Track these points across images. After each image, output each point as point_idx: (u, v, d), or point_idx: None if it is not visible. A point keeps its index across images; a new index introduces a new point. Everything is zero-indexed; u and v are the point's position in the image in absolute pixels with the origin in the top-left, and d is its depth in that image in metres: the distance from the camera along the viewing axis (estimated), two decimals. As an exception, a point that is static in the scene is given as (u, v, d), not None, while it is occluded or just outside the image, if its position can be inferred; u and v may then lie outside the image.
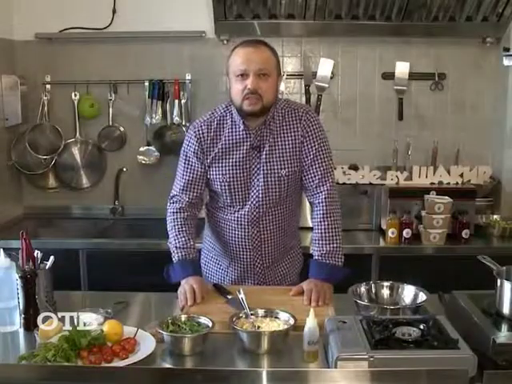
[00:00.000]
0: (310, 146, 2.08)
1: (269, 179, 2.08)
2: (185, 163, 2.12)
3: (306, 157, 2.09)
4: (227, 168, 2.08)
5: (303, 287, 1.99)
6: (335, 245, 2.07)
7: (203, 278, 2.11)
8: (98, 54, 3.38)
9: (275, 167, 2.07)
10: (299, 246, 2.36)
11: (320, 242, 2.06)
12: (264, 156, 2.07)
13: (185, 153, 2.13)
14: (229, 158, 2.08)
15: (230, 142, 2.07)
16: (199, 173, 2.11)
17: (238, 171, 2.08)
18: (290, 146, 2.08)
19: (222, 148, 2.08)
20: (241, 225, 2.13)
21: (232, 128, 2.08)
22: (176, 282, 2.03)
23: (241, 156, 2.07)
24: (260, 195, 2.09)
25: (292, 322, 1.69)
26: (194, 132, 2.10)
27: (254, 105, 1.98)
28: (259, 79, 1.96)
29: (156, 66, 3.36)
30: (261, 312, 1.76)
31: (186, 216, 2.11)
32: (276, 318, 1.74)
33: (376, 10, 3.15)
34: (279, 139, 2.08)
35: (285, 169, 2.08)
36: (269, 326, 1.70)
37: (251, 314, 1.74)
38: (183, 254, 2.05)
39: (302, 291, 1.98)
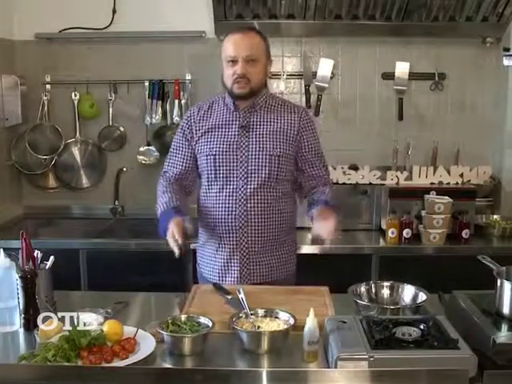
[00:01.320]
0: (310, 142, 2.23)
1: (260, 157, 2.16)
2: (174, 141, 2.30)
3: (308, 151, 2.23)
4: (214, 142, 2.18)
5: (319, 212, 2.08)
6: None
7: (181, 218, 2.05)
8: (98, 54, 3.38)
9: (268, 146, 2.16)
10: (294, 245, 2.34)
11: (326, 196, 2.19)
12: (255, 134, 2.17)
13: (176, 134, 2.30)
14: (216, 134, 2.19)
15: (220, 120, 2.21)
16: (184, 149, 2.25)
17: (225, 146, 2.17)
18: (285, 129, 2.19)
19: (211, 125, 2.21)
20: (228, 202, 2.18)
21: (223, 109, 2.22)
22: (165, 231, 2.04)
23: (229, 133, 2.18)
24: (249, 172, 2.15)
25: (292, 321, 1.69)
26: (186, 114, 2.31)
27: (242, 88, 2.13)
28: (247, 64, 2.10)
29: (156, 66, 3.36)
30: (261, 312, 1.76)
31: (171, 183, 2.25)
32: (276, 317, 1.74)
33: (376, 10, 3.15)
34: (274, 121, 2.19)
35: (277, 148, 2.17)
36: (269, 325, 1.69)
37: (251, 314, 1.74)
38: (165, 206, 2.15)
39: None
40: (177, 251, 1.95)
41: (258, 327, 1.68)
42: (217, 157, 2.17)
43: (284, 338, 1.65)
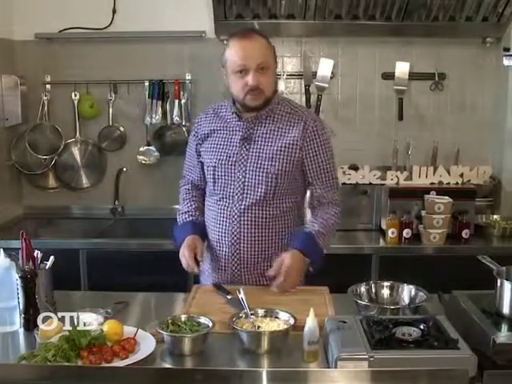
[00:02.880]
0: (313, 158, 2.09)
1: (257, 174, 2.06)
2: (188, 149, 2.26)
3: (310, 168, 2.09)
4: (215, 152, 2.11)
5: (283, 260, 1.97)
6: (330, 236, 2.12)
7: (198, 237, 2.11)
8: (98, 54, 3.38)
9: (266, 163, 2.05)
10: None
11: (321, 223, 2.07)
12: (255, 149, 2.07)
13: (188, 141, 2.27)
14: (218, 144, 2.11)
15: (222, 128, 2.12)
16: (195, 156, 2.21)
17: (224, 158, 2.09)
18: (287, 145, 2.06)
19: (212, 133, 2.13)
20: (222, 216, 2.11)
21: (227, 117, 2.12)
22: (178, 246, 2.10)
23: (230, 144, 2.09)
24: (245, 187, 2.07)
25: (292, 321, 1.69)
26: (195, 122, 2.24)
27: (256, 100, 2.01)
28: (259, 74, 1.97)
29: (156, 66, 3.36)
30: (261, 312, 1.76)
31: (190, 188, 2.26)
32: (276, 317, 1.74)
33: (376, 10, 3.15)
34: (277, 134, 2.07)
35: (275, 166, 2.05)
36: (269, 325, 1.69)
37: (251, 314, 1.74)
38: (184, 217, 2.19)
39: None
40: (188, 270, 2.04)
41: (258, 327, 1.68)
42: (216, 168, 2.10)
43: (284, 337, 1.65)
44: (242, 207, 2.08)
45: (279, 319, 1.73)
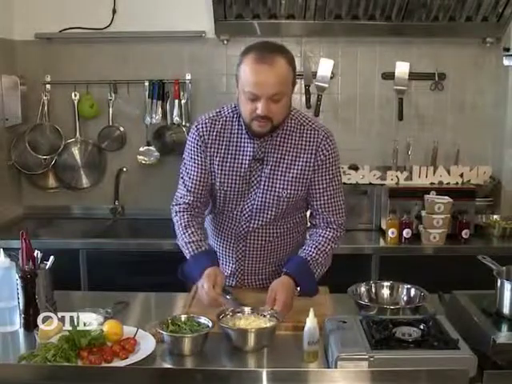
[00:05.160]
0: (322, 181, 1.98)
1: (268, 197, 1.97)
2: (190, 161, 2.00)
3: (317, 191, 1.99)
4: (226, 176, 1.97)
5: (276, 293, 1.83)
6: (327, 263, 2.02)
7: (217, 267, 1.92)
8: (98, 54, 3.38)
9: (277, 186, 1.96)
10: None
11: (317, 249, 1.96)
12: (267, 171, 1.96)
13: (189, 151, 2.01)
14: (229, 166, 1.97)
15: (233, 148, 1.96)
16: (205, 169, 1.99)
17: (237, 181, 1.97)
18: (299, 167, 1.95)
19: (223, 153, 1.97)
20: (228, 234, 2.07)
21: (237, 134, 1.96)
22: (195, 280, 1.91)
23: (242, 166, 1.96)
24: (254, 210, 2.00)
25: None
26: (197, 129, 1.99)
27: (262, 127, 1.86)
28: (271, 102, 1.81)
29: (156, 66, 3.36)
30: (247, 310, 1.77)
31: (194, 213, 2.01)
32: (262, 315, 1.75)
33: (376, 10, 3.15)
34: (288, 157, 1.95)
35: (287, 189, 1.96)
36: (255, 323, 1.71)
37: (238, 313, 1.75)
38: (194, 247, 1.93)
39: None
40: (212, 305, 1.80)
41: (241, 321, 1.71)
42: (228, 192, 1.98)
43: (270, 335, 1.67)
44: (250, 229, 2.03)
45: (265, 317, 1.74)
